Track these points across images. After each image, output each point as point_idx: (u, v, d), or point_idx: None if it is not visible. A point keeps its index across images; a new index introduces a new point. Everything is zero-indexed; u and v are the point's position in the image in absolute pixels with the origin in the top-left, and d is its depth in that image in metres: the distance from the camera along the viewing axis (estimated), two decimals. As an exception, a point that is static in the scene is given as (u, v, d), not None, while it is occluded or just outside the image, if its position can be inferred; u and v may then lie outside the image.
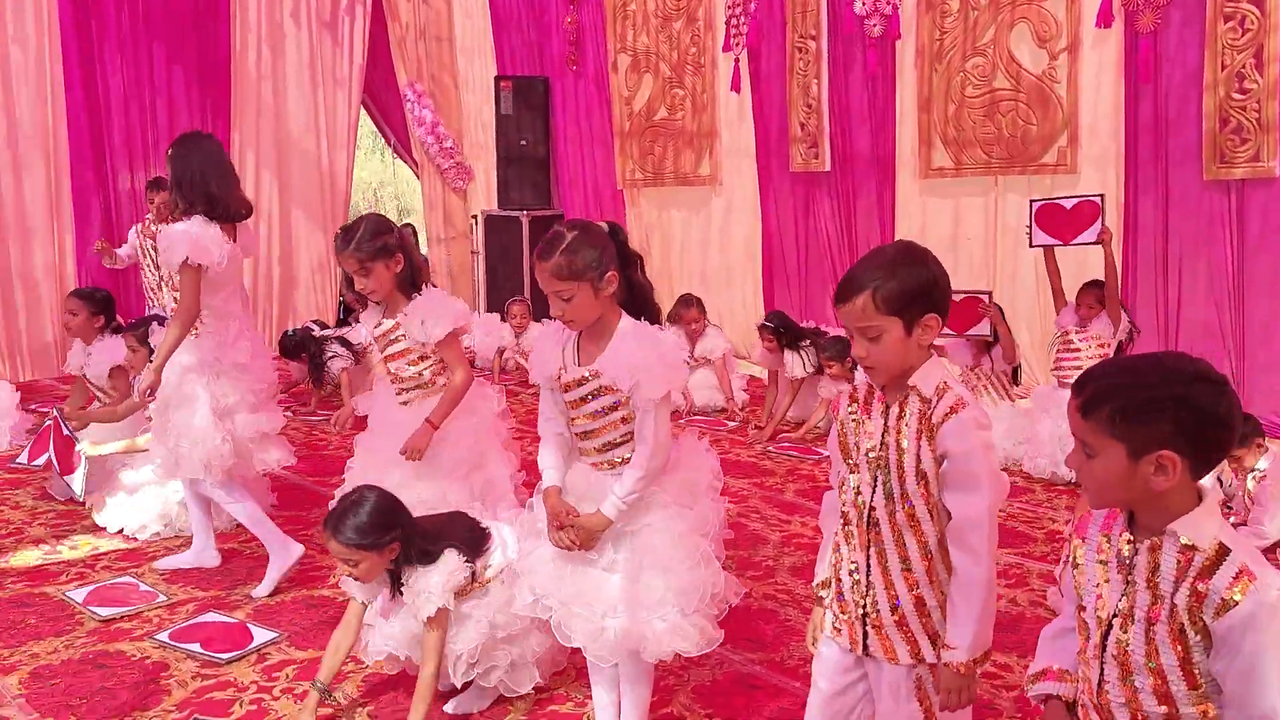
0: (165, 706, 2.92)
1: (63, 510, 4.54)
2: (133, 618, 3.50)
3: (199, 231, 3.56)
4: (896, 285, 1.95)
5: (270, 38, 8.59)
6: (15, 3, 7.34)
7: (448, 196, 9.69)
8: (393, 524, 2.68)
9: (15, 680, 3.06)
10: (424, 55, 9.45)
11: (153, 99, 8.07)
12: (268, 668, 3.15)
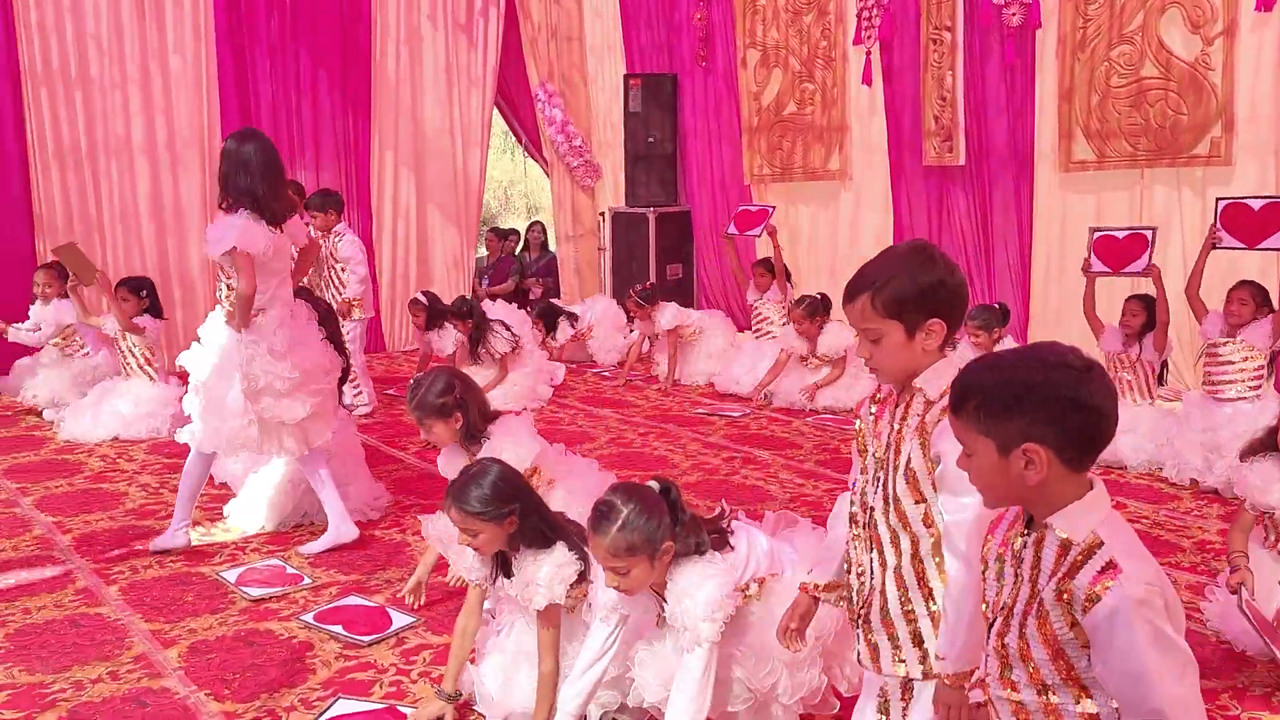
0: (311, 684, 3.06)
1: (216, 495, 4.79)
2: (280, 599, 3.67)
3: (243, 224, 3.84)
4: (895, 289, 1.91)
5: (409, 41, 8.86)
6: (176, 16, 7.77)
7: (576, 194, 9.83)
8: (513, 496, 2.71)
9: (175, 653, 3.25)
10: (555, 55, 9.60)
11: (299, 102, 8.43)
12: (406, 651, 3.26)
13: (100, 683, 3.06)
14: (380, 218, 8.90)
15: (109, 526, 4.42)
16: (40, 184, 7.39)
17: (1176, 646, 1.49)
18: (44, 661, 3.19)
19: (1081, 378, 1.52)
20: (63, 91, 7.44)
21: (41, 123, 7.38)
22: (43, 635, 3.38)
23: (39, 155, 7.37)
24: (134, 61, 7.67)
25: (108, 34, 7.56)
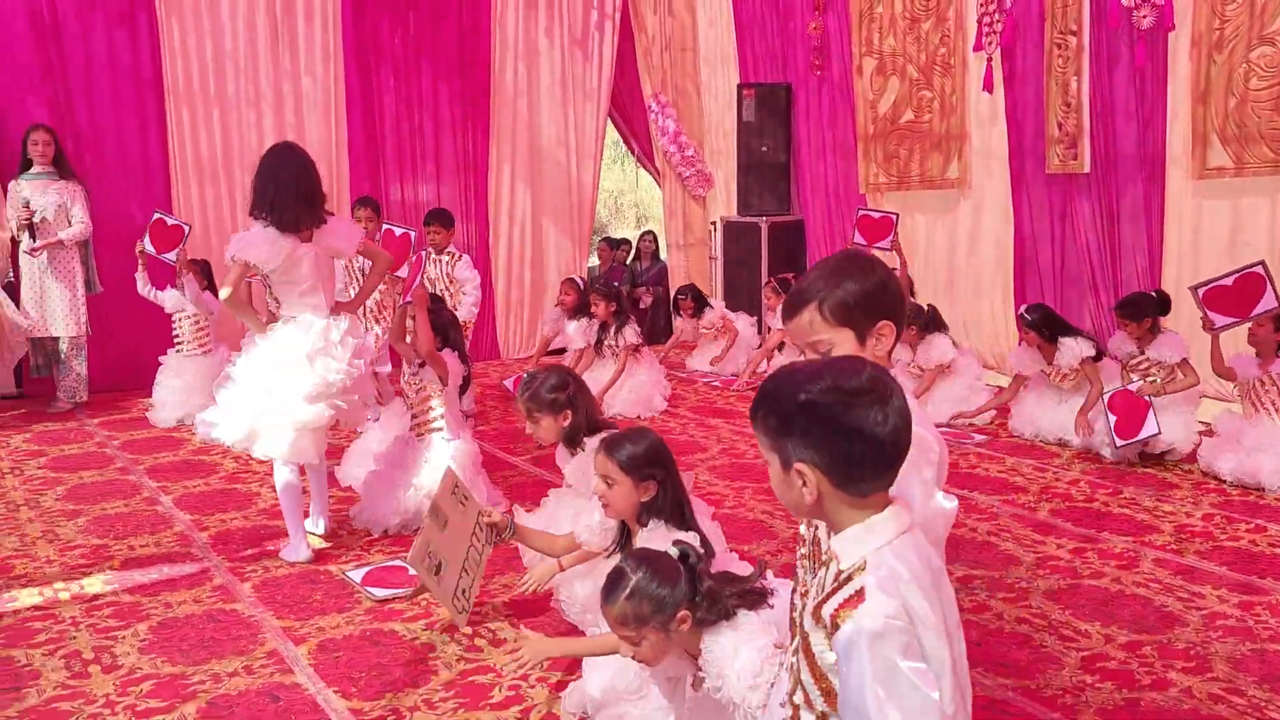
0: (434, 685, 3.14)
1: (341, 497, 4.96)
2: (403, 600, 3.78)
3: (253, 234, 4.00)
4: (842, 296, 1.85)
5: (526, 55, 9.03)
6: (307, 39, 8.10)
7: (688, 203, 9.86)
8: (660, 465, 2.75)
9: (305, 650, 3.37)
10: (668, 66, 9.66)
11: (421, 117, 8.68)
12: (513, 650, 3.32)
13: (236, 676, 3.20)
14: (496, 228, 9.09)
15: (243, 526, 4.62)
16: (180, 195, 7.78)
17: (913, 688, 1.41)
18: (184, 654, 3.35)
19: (855, 401, 1.46)
20: (202, 108, 7.82)
21: (182, 137, 7.77)
22: (183, 629, 3.55)
23: (179, 167, 7.77)
24: (268, 81, 8.02)
25: (244, 55, 7.92)
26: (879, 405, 1.47)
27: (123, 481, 5.29)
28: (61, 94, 7.29)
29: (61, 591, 3.88)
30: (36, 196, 6.56)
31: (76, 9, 7.30)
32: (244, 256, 4.00)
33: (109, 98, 7.49)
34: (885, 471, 1.51)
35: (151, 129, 7.65)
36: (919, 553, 1.54)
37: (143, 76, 7.58)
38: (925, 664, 1.47)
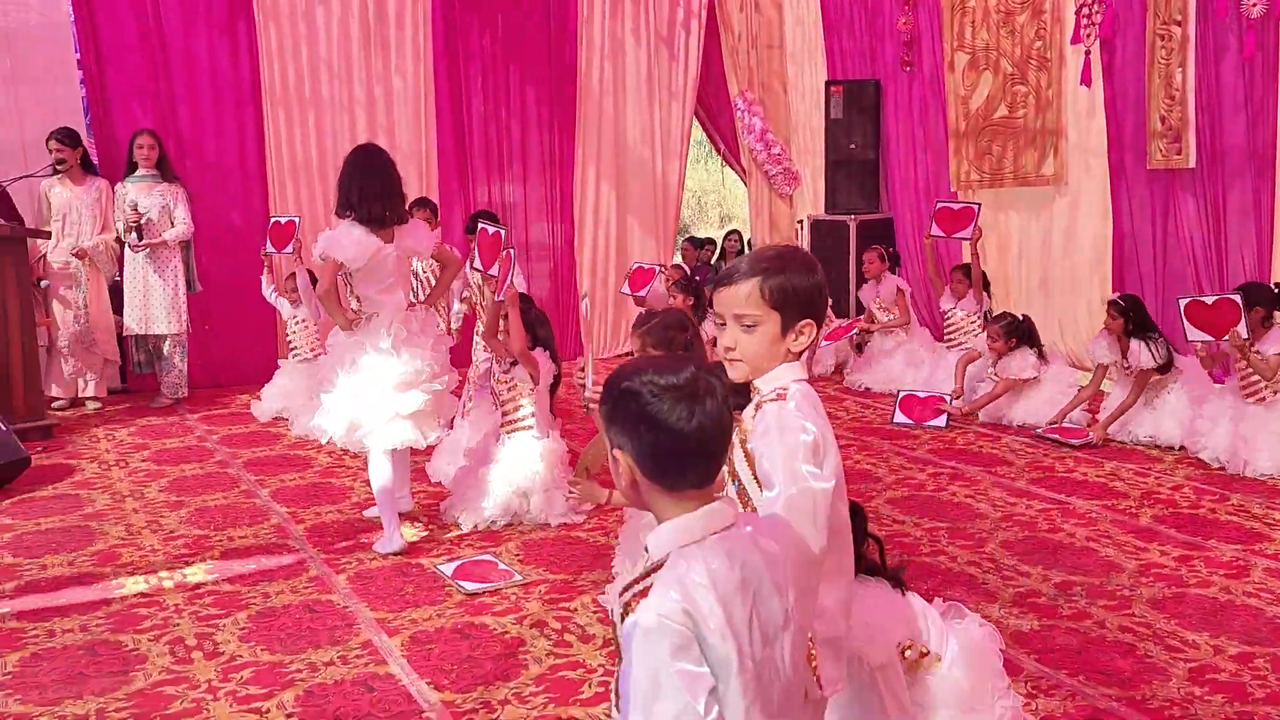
0: (524, 679, 3.16)
1: (432, 492, 5.03)
2: (493, 594, 3.82)
3: (341, 232, 4.14)
4: (787, 280, 1.89)
5: (612, 54, 9.06)
6: (399, 41, 8.25)
7: (774, 202, 9.78)
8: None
9: (398, 642, 3.43)
10: (755, 64, 9.60)
11: (508, 117, 8.77)
12: (613, 653, 3.32)
13: (332, 665, 3.26)
14: (581, 228, 9.13)
15: (337, 519, 4.72)
16: (277, 196, 7.98)
17: (675, 690, 1.42)
18: (282, 643, 3.43)
19: (664, 395, 1.49)
20: (297, 112, 8.01)
21: (279, 140, 7.97)
22: (280, 618, 3.63)
23: (276, 169, 7.97)
24: (360, 83, 8.18)
25: (338, 59, 8.09)
26: (687, 402, 1.50)
27: (222, 475, 5.45)
28: (165, 100, 7.54)
29: (165, 580, 4.00)
30: (141, 198, 6.80)
31: (181, 19, 7.54)
32: (333, 255, 4.13)
33: (210, 103, 7.71)
34: (694, 468, 1.53)
35: (249, 132, 7.87)
36: (731, 556, 1.52)
37: (241, 82, 7.80)
38: (702, 668, 1.46)
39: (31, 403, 6.11)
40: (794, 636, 1.58)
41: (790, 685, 1.59)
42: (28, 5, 7.23)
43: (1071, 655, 3.24)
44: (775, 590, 1.56)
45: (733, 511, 1.57)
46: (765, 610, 1.55)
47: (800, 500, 1.79)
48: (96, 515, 4.77)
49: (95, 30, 7.29)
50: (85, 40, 7.29)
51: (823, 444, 1.86)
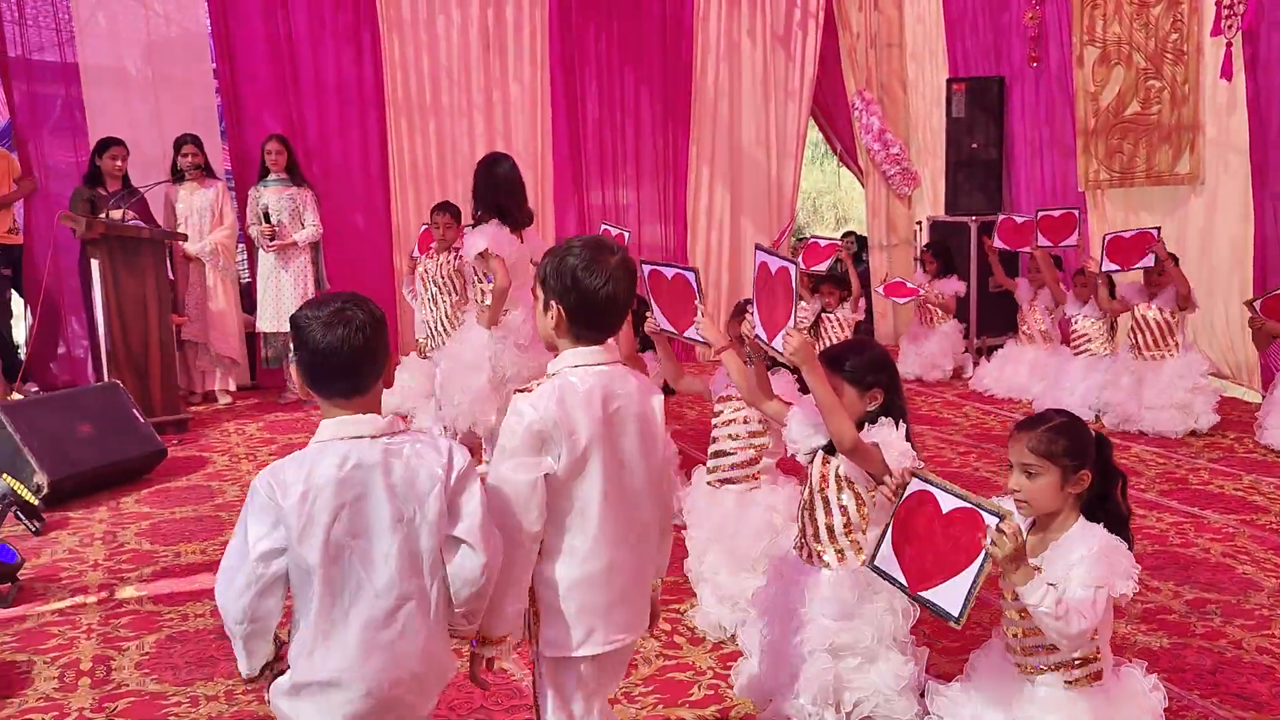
0: (633, 680, 3.16)
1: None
2: (603, 594, 3.83)
3: (494, 231, 4.48)
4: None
5: (727, 55, 9.03)
6: (516, 47, 8.40)
7: (892, 203, 9.60)
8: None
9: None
10: (873, 63, 9.44)
11: (622, 119, 8.82)
12: (724, 656, 3.30)
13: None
14: (695, 229, 9.13)
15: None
16: (398, 202, 8.20)
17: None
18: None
19: (316, 322, 1.94)
20: (419, 118, 8.23)
21: (400, 147, 8.19)
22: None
23: (397, 175, 8.20)
24: (479, 90, 8.35)
25: (458, 66, 8.28)
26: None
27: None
28: (294, 106, 7.83)
29: (290, 569, 4.13)
30: (273, 201, 7.07)
31: (309, 28, 7.82)
32: (498, 251, 4.44)
33: (335, 110, 7.98)
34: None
35: (373, 138, 8.10)
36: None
37: (366, 89, 8.04)
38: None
39: (168, 398, 6.41)
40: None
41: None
42: (169, 18, 7.60)
43: (1204, 676, 3.09)
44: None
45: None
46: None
47: (498, 486, 2.03)
48: (227, 506, 4.97)
49: (229, 41, 7.61)
50: (220, 51, 7.63)
51: (554, 434, 2.01)
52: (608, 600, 2.10)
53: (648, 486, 2.15)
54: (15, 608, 3.78)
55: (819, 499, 2.77)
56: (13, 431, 4.90)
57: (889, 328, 9.49)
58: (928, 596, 2.25)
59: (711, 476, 3.54)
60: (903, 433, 2.68)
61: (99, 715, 3.00)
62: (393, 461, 1.93)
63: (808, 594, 2.72)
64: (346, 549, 1.90)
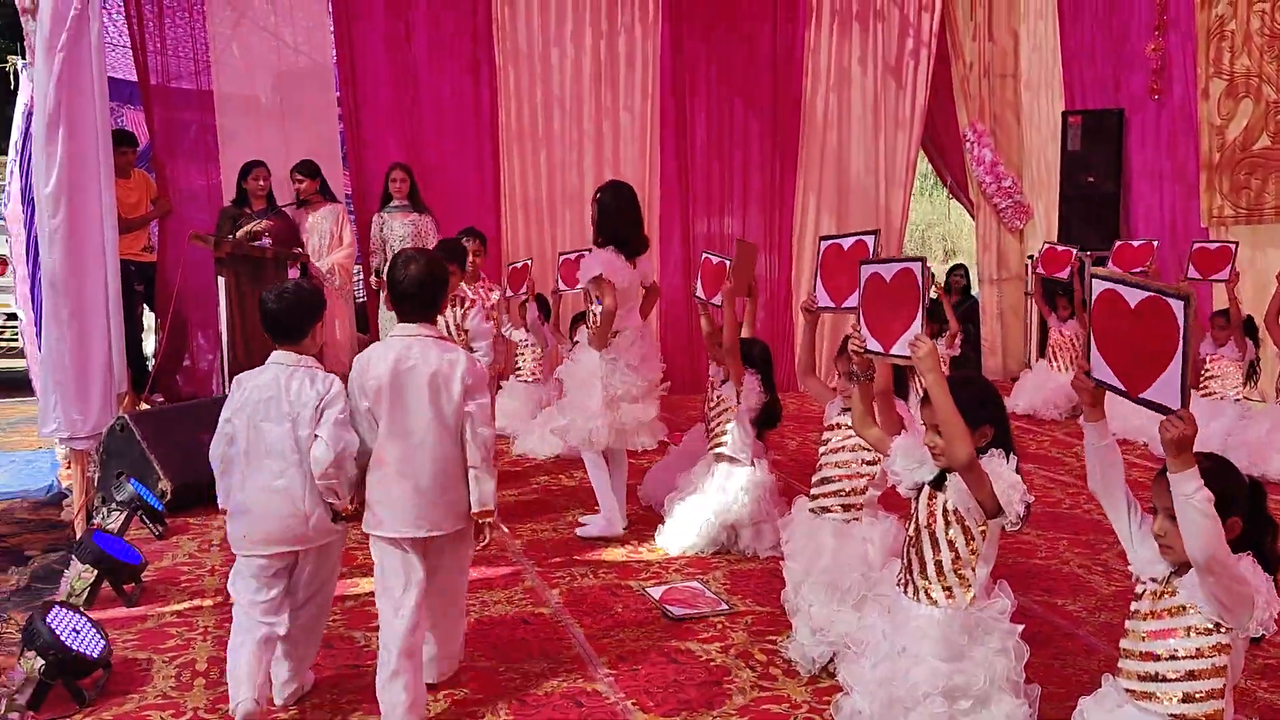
0: (727, 709, 3.15)
1: (641, 516, 5.12)
2: (699, 621, 3.84)
3: (610, 257, 4.64)
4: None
5: (838, 85, 9.00)
6: (628, 78, 8.54)
7: (1003, 236, 9.42)
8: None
9: (605, 660, 3.50)
10: (987, 94, 9.31)
11: (730, 149, 8.87)
12: (819, 691, 3.27)
13: (544, 677, 3.36)
14: (800, 260, 9.09)
15: (551, 537, 4.88)
16: (507, 228, 8.39)
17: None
18: (499, 651, 3.57)
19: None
20: (530, 147, 8.42)
21: (512, 175, 8.39)
22: (497, 627, 3.79)
23: (508, 203, 8.39)
24: (590, 120, 8.50)
25: (570, 96, 8.45)
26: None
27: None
28: (413, 134, 8.09)
29: (395, 582, 4.25)
30: (395, 227, 7.31)
31: (429, 59, 8.09)
32: (611, 277, 4.61)
33: (453, 138, 8.22)
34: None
35: (486, 166, 8.32)
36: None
37: (482, 119, 8.27)
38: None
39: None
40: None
41: None
42: (298, 49, 7.95)
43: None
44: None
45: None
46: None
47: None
48: (336, 518, 5.12)
49: (354, 71, 7.92)
50: (345, 80, 7.94)
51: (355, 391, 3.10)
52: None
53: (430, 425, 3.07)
54: (138, 607, 3.97)
55: (926, 534, 2.72)
56: (140, 439, 5.15)
57: (997, 364, 9.29)
58: (1148, 397, 2.26)
59: (813, 504, 3.52)
60: (1013, 465, 2.63)
61: (213, 716, 3.12)
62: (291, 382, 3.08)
63: (917, 634, 2.68)
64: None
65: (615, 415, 4.70)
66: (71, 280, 5.03)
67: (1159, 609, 2.33)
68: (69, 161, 4.97)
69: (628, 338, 4.72)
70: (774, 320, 9.10)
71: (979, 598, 2.68)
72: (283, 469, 2.99)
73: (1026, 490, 2.61)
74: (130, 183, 7.19)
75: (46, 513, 5.63)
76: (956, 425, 2.56)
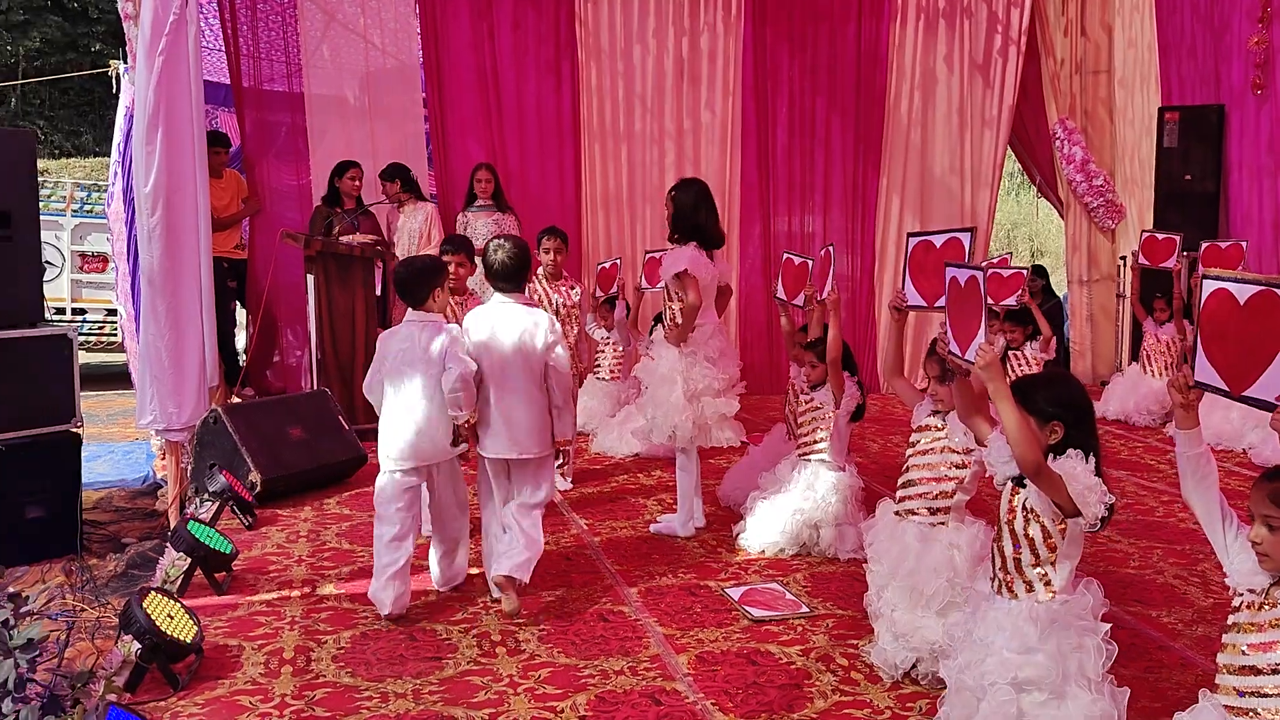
0: (807, 713, 3.12)
1: (723, 515, 5.10)
2: (779, 623, 3.80)
3: (692, 253, 4.66)
4: None
5: (922, 83, 8.86)
6: (710, 75, 8.51)
7: (1094, 236, 9.16)
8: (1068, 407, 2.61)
9: (685, 660, 3.49)
10: (1078, 90, 9.06)
11: (812, 148, 8.78)
12: (902, 696, 3.22)
13: (622, 675, 3.37)
14: (883, 260, 8.97)
15: (630, 535, 4.88)
16: (587, 226, 8.43)
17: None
18: (576, 648, 3.59)
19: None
20: (611, 145, 8.44)
21: (593, 172, 8.43)
22: (576, 624, 3.80)
23: (588, 200, 8.43)
24: (671, 118, 8.50)
25: (651, 94, 8.46)
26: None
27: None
28: (496, 134, 8.18)
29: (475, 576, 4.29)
30: (478, 226, 7.40)
31: (513, 59, 8.17)
32: (697, 273, 4.63)
33: (535, 137, 8.29)
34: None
35: (567, 165, 8.37)
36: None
37: (564, 117, 8.32)
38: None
39: (370, 406, 6.74)
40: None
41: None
42: (385, 51, 8.10)
43: None
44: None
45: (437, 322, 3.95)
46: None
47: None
48: (419, 512, 5.20)
49: (439, 73, 8.03)
50: (431, 81, 8.06)
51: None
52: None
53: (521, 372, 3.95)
54: (228, 596, 4.07)
55: (1007, 529, 2.71)
56: (232, 432, 5.29)
57: (1086, 366, 9.05)
58: (1252, 394, 2.22)
59: (899, 506, 3.47)
60: (1092, 467, 2.57)
61: (299, 703, 3.19)
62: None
63: (993, 625, 2.68)
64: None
65: (697, 410, 4.70)
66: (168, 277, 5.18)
67: (1259, 621, 2.26)
68: (166, 161, 5.11)
69: (706, 332, 4.74)
70: (856, 320, 8.99)
71: (1060, 594, 2.64)
72: (416, 402, 3.83)
73: (1106, 491, 2.57)
74: (222, 182, 7.39)
75: (143, 502, 5.81)
76: (1021, 433, 2.54)
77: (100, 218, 9.67)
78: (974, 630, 2.72)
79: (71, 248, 9.80)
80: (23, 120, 18.28)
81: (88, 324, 9.79)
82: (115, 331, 9.83)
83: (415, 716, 3.10)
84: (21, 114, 18.86)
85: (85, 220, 9.87)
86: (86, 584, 4.46)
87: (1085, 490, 2.54)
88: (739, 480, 5.22)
